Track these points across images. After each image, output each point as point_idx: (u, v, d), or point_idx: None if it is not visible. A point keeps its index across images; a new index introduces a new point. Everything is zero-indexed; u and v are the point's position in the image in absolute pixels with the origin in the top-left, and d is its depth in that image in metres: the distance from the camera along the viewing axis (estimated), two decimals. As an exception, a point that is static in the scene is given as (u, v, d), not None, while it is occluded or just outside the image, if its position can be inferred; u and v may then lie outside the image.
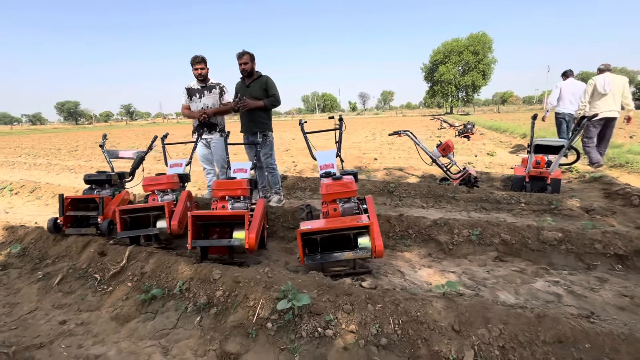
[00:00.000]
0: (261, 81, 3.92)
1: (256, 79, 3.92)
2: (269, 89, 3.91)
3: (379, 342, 1.59)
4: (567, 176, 5.36)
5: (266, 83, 3.91)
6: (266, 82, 3.92)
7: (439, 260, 2.62)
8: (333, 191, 2.48)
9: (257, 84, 3.90)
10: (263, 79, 3.93)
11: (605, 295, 2.01)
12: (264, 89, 3.89)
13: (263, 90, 3.89)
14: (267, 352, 1.64)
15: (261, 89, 3.89)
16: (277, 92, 3.98)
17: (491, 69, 48.32)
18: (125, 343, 1.76)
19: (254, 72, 3.89)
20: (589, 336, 1.42)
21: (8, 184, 5.54)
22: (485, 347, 1.47)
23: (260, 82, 3.91)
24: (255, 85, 3.90)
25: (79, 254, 2.60)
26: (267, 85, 3.91)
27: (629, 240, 2.45)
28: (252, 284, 1.96)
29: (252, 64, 3.84)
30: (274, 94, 3.93)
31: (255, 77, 3.92)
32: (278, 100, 3.99)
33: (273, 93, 3.93)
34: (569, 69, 6.32)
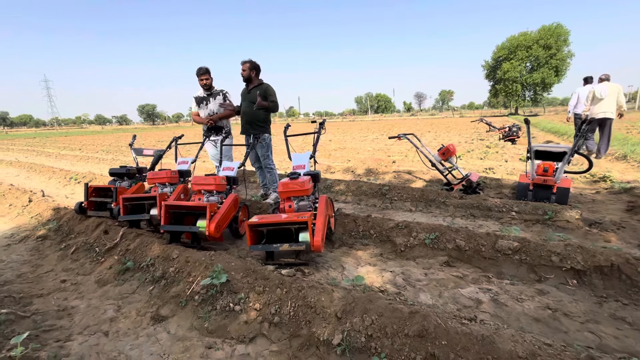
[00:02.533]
0: (261, 88, 4.30)
1: (257, 85, 4.32)
2: (268, 95, 4.28)
3: (272, 320, 1.83)
4: (597, 187, 4.84)
5: (266, 90, 4.29)
6: (266, 90, 4.29)
7: (387, 260, 2.72)
8: (287, 189, 2.74)
9: (256, 91, 4.30)
10: (263, 86, 4.32)
11: (528, 307, 1.96)
12: (262, 95, 4.28)
13: (262, 97, 4.28)
14: (187, 318, 1.98)
15: (261, 96, 4.28)
16: (276, 99, 4.34)
17: (566, 64, 42.90)
18: (95, 300, 2.25)
19: (252, 79, 4.30)
20: (449, 334, 1.49)
21: (74, 175, 6.78)
22: (354, 334, 1.63)
23: (261, 89, 4.30)
24: (254, 92, 4.31)
25: (92, 231, 3.25)
26: (266, 92, 4.28)
27: (592, 255, 2.29)
28: (197, 264, 2.32)
29: (249, 72, 4.25)
30: (272, 100, 4.29)
31: (256, 84, 4.32)
32: (277, 106, 4.36)
33: (272, 99, 4.29)
34: (590, 75, 7.28)
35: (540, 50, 42.27)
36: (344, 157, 8.65)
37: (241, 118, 4.45)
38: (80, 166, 9.36)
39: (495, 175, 5.77)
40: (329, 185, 5.10)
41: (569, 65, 42.87)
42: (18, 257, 3.07)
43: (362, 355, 1.56)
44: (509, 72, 43.92)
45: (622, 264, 2.17)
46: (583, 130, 3.53)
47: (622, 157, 6.77)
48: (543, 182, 3.87)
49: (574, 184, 5.10)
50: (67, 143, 20.74)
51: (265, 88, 4.29)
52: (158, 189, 3.55)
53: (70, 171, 7.41)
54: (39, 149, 16.31)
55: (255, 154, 4.60)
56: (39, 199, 4.64)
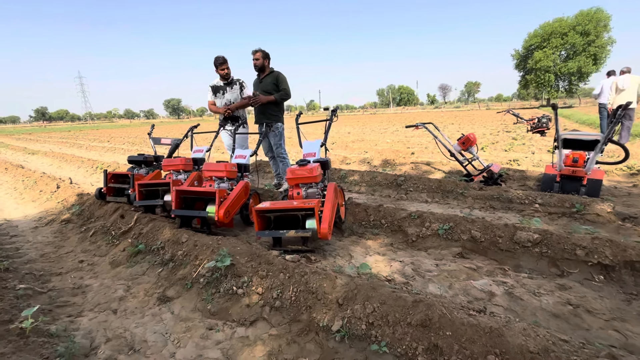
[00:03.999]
0: (273, 76, 4.28)
1: (268, 74, 4.29)
2: (280, 83, 4.25)
3: (274, 304, 1.81)
4: (634, 179, 4.47)
5: (277, 78, 4.26)
6: (277, 77, 4.26)
7: (397, 250, 2.63)
8: (295, 176, 2.70)
9: (268, 79, 4.28)
10: (275, 74, 4.29)
11: (546, 302, 1.82)
12: (274, 83, 4.25)
13: (274, 84, 4.25)
14: (192, 299, 2.00)
15: (272, 84, 4.25)
16: (288, 87, 4.30)
17: (606, 51, 39.93)
18: (108, 280, 2.32)
19: (265, 67, 4.27)
20: (454, 325, 1.41)
21: (100, 164, 7.09)
22: (355, 321, 1.57)
23: (272, 77, 4.28)
24: (267, 80, 4.29)
25: (110, 215, 3.36)
26: (277, 80, 4.25)
27: (622, 249, 2.10)
28: (204, 247, 2.34)
29: (263, 61, 4.22)
30: (284, 88, 4.26)
31: (268, 72, 4.30)
32: (288, 94, 4.31)
33: (283, 87, 4.26)
34: (613, 69, 7.64)
35: (577, 37, 39.57)
36: (362, 149, 8.51)
37: (255, 107, 4.45)
38: (107, 156, 9.78)
39: (520, 167, 5.47)
40: (343, 176, 5.02)
41: (608, 52, 39.91)
42: (43, 238, 3.24)
43: (362, 343, 1.51)
44: (542, 61, 41.49)
45: (657, 260, 1.97)
46: (619, 116, 3.24)
47: (666, 149, 6.23)
48: (572, 174, 3.61)
49: (609, 176, 4.75)
50: (98, 136, 21.79)
51: (276, 76, 4.26)
52: (173, 175, 3.62)
53: (97, 161, 7.76)
54: (72, 141, 17.24)
55: (268, 143, 4.60)
56: (66, 185, 4.87)
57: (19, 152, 12.24)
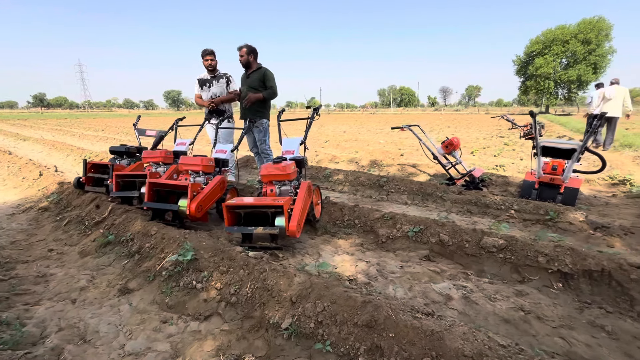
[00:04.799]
0: (260, 73, 4.27)
1: (255, 70, 4.28)
2: (266, 80, 4.24)
3: (230, 300, 1.82)
4: (614, 189, 4.51)
5: (264, 75, 4.25)
6: (264, 74, 4.25)
7: (366, 250, 2.64)
8: (268, 173, 2.70)
9: (255, 75, 4.27)
10: (262, 71, 4.28)
11: (500, 307, 1.84)
12: (261, 80, 4.24)
13: (260, 81, 4.24)
14: (152, 292, 2.00)
15: (259, 80, 4.24)
16: (274, 84, 4.29)
17: (607, 61, 40.04)
18: (73, 270, 2.32)
19: (250, 64, 4.26)
20: (397, 327, 1.42)
21: (89, 153, 7.06)
22: (304, 319, 1.58)
23: (259, 73, 4.27)
24: (254, 76, 4.28)
25: (86, 205, 3.35)
26: (264, 77, 4.24)
27: (582, 258, 2.12)
28: (171, 241, 2.34)
29: (247, 57, 4.20)
30: (271, 86, 4.25)
31: (255, 69, 4.29)
32: (275, 92, 4.31)
33: (270, 85, 4.25)
34: (601, 82, 8.14)
35: (578, 45, 39.66)
36: (353, 148, 8.52)
37: (240, 103, 4.44)
38: (98, 146, 9.73)
39: (505, 172, 5.50)
40: (328, 175, 5.03)
41: (609, 62, 40.03)
42: (17, 225, 3.23)
43: (309, 341, 1.52)
44: (542, 68, 41.60)
45: (614, 270, 1.99)
46: (594, 126, 3.26)
47: (652, 160, 6.28)
48: (550, 181, 3.63)
49: (591, 185, 4.78)
50: (94, 124, 21.66)
51: (263, 73, 4.25)
52: (152, 167, 3.61)
53: (86, 150, 7.72)
54: (66, 128, 17.13)
55: (253, 139, 4.59)
56: (49, 173, 4.85)
57: (11, 137, 12.16)
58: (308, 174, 5.31)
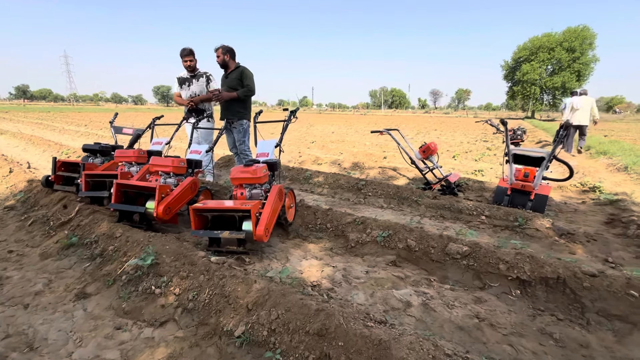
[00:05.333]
0: (238, 72, 4.23)
1: (234, 70, 4.25)
2: (244, 79, 4.21)
3: (187, 306, 1.80)
4: (584, 197, 4.64)
5: (242, 74, 4.22)
6: (242, 73, 4.22)
7: (335, 255, 2.65)
8: (238, 176, 2.68)
9: (234, 75, 4.23)
10: (239, 70, 4.24)
11: (456, 314, 1.88)
12: (239, 79, 4.21)
13: (239, 80, 4.21)
14: (109, 297, 1.96)
15: (237, 79, 4.21)
16: (252, 83, 4.26)
17: (590, 69, 41.20)
18: (31, 273, 2.26)
19: (228, 64, 4.22)
20: (347, 336, 1.43)
21: (66, 149, 6.88)
22: (258, 327, 1.58)
23: (237, 72, 4.23)
24: (232, 75, 4.24)
25: (54, 205, 3.27)
26: (242, 76, 4.21)
27: (540, 265, 2.18)
28: (135, 244, 2.30)
29: (224, 57, 4.17)
30: (247, 84, 4.22)
31: (233, 68, 4.25)
32: (252, 90, 4.27)
33: (247, 83, 4.22)
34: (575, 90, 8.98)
35: (563, 53, 40.69)
36: (338, 150, 8.54)
37: (220, 103, 4.40)
38: (79, 141, 9.49)
39: (483, 177, 5.61)
40: (308, 177, 5.03)
41: (592, 70, 41.20)
42: (-21, 225, 3.12)
43: (260, 349, 1.52)
44: (528, 74, 42.53)
45: (569, 278, 2.05)
46: (561, 136, 3.36)
47: (623, 168, 6.49)
48: (521, 188, 3.72)
49: (563, 192, 4.92)
50: (77, 119, 21.12)
51: (241, 71, 4.22)
52: (124, 167, 3.54)
53: (64, 145, 7.52)
54: (47, 122, 16.64)
55: (232, 139, 4.56)
56: (20, 170, 4.71)
57: (-13, 131, 11.74)
58: (289, 175, 5.30)
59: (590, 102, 8.12)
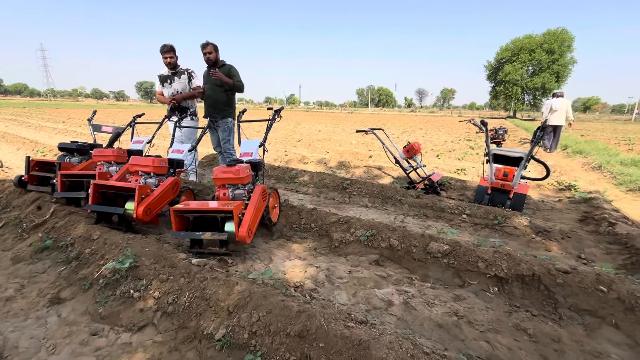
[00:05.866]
0: (224, 69, 4.17)
1: (219, 67, 4.18)
2: (232, 76, 4.15)
3: (167, 310, 1.77)
4: (561, 195, 4.81)
5: (229, 70, 4.16)
6: (229, 70, 4.17)
7: (318, 255, 2.66)
8: (221, 176, 2.65)
9: (220, 71, 4.16)
10: (226, 67, 4.19)
11: (436, 312, 1.92)
12: (226, 75, 4.13)
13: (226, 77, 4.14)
14: (85, 302, 1.91)
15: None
16: (241, 79, 4.24)
17: (568, 70, 42.68)
18: (1, 278, 2.17)
19: (218, 61, 4.16)
20: (328, 336, 1.44)
21: (42, 147, 6.62)
22: (239, 330, 1.57)
23: (223, 70, 4.17)
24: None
25: (27, 206, 3.14)
26: (230, 73, 4.15)
27: (516, 263, 2.24)
28: (113, 246, 2.24)
29: (216, 54, 4.11)
30: (238, 80, 4.18)
31: (219, 65, 4.19)
32: (243, 86, 4.26)
33: (237, 79, 4.19)
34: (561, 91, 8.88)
35: (543, 55, 41.96)
36: (324, 148, 8.54)
37: (205, 101, 4.33)
38: (56, 139, 9.15)
39: (465, 176, 5.72)
40: (294, 176, 5.02)
41: (570, 71, 42.66)
42: (-54, 228, 2.97)
43: (241, 352, 1.51)
44: (510, 75, 43.68)
45: (543, 274, 2.13)
46: (538, 137, 3.47)
47: (597, 167, 6.76)
48: (501, 187, 3.82)
49: (541, 190, 5.08)
50: (55, 115, 20.33)
51: (228, 69, 4.17)
52: (103, 167, 3.44)
53: (40, 143, 7.24)
54: (22, 119, 15.97)
55: (217, 138, 4.49)
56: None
57: (-44, 127, 11.18)
58: (274, 174, 5.27)
59: (567, 104, 8.49)
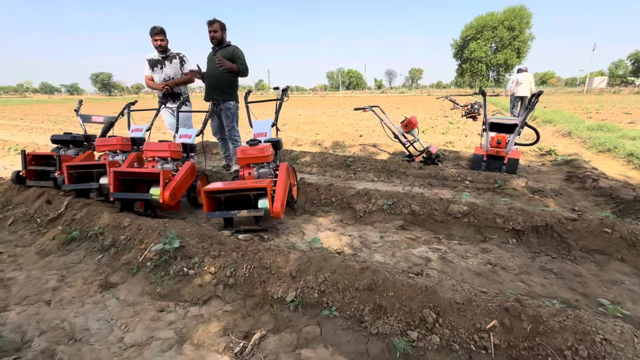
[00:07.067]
0: (228, 51, 3.98)
1: (223, 47, 4.01)
2: (237, 59, 3.97)
3: (227, 282, 1.82)
4: (543, 159, 5.22)
5: (233, 52, 3.97)
6: (233, 51, 3.98)
7: (346, 225, 2.78)
8: (246, 156, 2.66)
9: (223, 52, 3.97)
10: (230, 48, 4.00)
11: (471, 263, 2.11)
12: (230, 59, 3.96)
13: (230, 60, 3.96)
14: (139, 284, 1.92)
15: (227, 59, 3.95)
16: (245, 62, 4.06)
17: (527, 46, 44.71)
18: (36, 272, 2.11)
19: (223, 41, 3.99)
20: (395, 287, 1.57)
21: (14, 145, 6.15)
22: (308, 290, 1.67)
23: (227, 51, 3.98)
24: (221, 53, 3.97)
25: (33, 202, 2.99)
26: (233, 55, 3.97)
27: (530, 217, 2.48)
28: (150, 231, 2.23)
29: (221, 33, 3.92)
30: (242, 63, 3.99)
31: (224, 46, 4.02)
32: (247, 69, 4.07)
33: (241, 63, 3.99)
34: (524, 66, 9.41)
35: (504, 32, 43.52)
36: (313, 131, 8.57)
37: (205, 83, 4.17)
38: (22, 137, 8.49)
39: (454, 148, 6.01)
40: (295, 157, 5.05)
41: (529, 47, 44.68)
42: (-55, 230, 2.78)
43: (315, 309, 1.61)
44: (475, 52, 45.03)
45: (555, 224, 2.38)
46: (533, 103, 3.74)
47: (567, 133, 7.34)
48: (496, 154, 4.10)
49: (525, 156, 5.47)
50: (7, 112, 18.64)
51: (232, 50, 3.98)
52: (108, 156, 3.31)
53: (9, 141, 6.70)
54: (-29, 118, 14.51)
55: (218, 123, 4.39)
56: (-30, 169, 4.16)
57: None
58: (273, 157, 5.26)
59: (530, 78, 9.28)
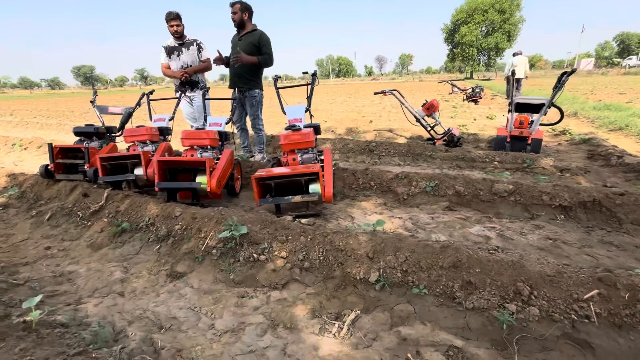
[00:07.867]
0: (254, 36, 3.80)
1: (249, 32, 3.82)
2: (262, 46, 3.79)
3: (302, 266, 1.82)
4: (558, 139, 5.29)
5: (259, 39, 3.78)
6: (259, 38, 3.78)
7: (392, 208, 2.79)
8: (290, 141, 2.62)
9: (249, 38, 3.80)
10: (257, 33, 3.81)
11: (532, 239, 2.15)
12: (255, 44, 3.79)
13: (254, 45, 3.79)
14: (208, 272, 1.90)
15: (252, 45, 3.78)
16: (271, 51, 3.87)
17: (518, 29, 44.76)
18: (95, 264, 2.06)
19: (244, 23, 3.79)
20: (481, 263, 1.59)
21: (18, 141, 5.94)
22: (390, 270, 1.67)
23: (253, 36, 3.79)
24: (247, 39, 3.80)
25: (67, 195, 2.90)
26: (259, 42, 3.78)
27: (576, 193, 2.53)
28: (206, 219, 2.19)
29: (241, 14, 3.73)
30: (267, 52, 3.80)
31: (249, 30, 3.83)
32: (272, 59, 3.89)
33: (266, 51, 3.80)
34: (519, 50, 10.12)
35: (495, 15, 43.39)
36: (320, 118, 8.48)
37: (230, 70, 4.02)
38: (19, 132, 8.20)
39: (469, 130, 6.04)
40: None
41: (519, 30, 44.75)
42: (-21, 227, 2.68)
43: (401, 289, 1.62)
44: (467, 36, 44.89)
45: (603, 199, 2.43)
46: (563, 82, 3.75)
47: (574, 114, 7.44)
48: (520, 134, 4.13)
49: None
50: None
51: (259, 36, 3.77)
52: (138, 147, 3.23)
53: (10, 137, 6.46)
54: (-43, 115, 13.91)
55: (239, 112, 4.28)
56: (-17, 166, 4.01)
57: None
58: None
59: (524, 61, 9.95)
